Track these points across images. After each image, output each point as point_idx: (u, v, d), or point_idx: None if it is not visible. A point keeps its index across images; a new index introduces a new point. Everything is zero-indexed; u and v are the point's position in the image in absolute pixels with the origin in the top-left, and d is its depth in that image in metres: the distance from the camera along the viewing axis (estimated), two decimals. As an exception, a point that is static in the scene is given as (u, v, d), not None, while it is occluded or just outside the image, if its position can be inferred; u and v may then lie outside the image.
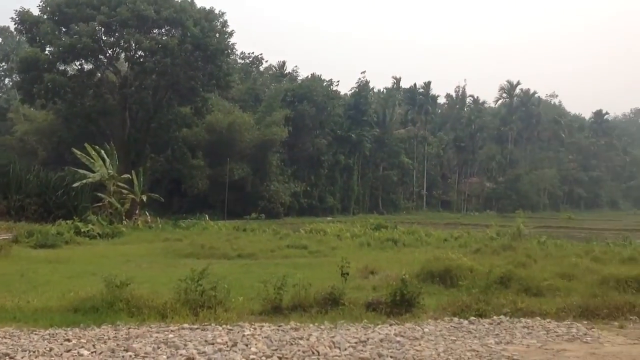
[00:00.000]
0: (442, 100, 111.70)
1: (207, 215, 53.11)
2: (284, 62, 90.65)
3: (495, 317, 11.43)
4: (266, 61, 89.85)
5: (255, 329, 10.14)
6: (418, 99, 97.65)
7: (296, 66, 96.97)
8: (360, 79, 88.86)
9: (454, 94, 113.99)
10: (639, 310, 11.78)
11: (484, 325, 10.78)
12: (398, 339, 9.64)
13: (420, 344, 9.32)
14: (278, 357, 8.44)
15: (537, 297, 13.91)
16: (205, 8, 55.28)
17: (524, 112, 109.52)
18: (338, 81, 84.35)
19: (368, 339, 9.57)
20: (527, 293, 14.35)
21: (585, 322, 11.29)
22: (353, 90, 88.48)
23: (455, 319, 11.26)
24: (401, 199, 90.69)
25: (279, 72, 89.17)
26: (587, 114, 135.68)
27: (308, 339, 9.40)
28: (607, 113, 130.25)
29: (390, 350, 8.89)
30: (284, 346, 8.97)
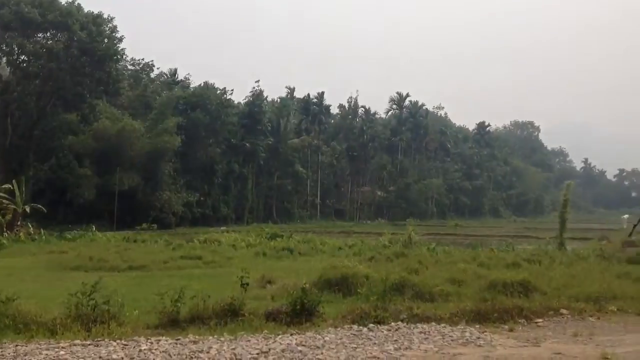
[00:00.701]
0: (335, 110, 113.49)
1: (94, 226, 51.04)
2: (175, 70, 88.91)
3: (393, 323, 11.63)
4: (157, 68, 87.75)
5: (152, 343, 9.78)
6: (312, 109, 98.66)
7: (188, 74, 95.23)
8: (254, 87, 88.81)
9: (346, 105, 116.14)
10: (527, 313, 12.36)
11: (382, 332, 10.94)
12: (300, 348, 9.60)
13: (322, 353, 9.32)
14: (178, 372, 8.18)
15: (430, 303, 14.31)
16: (93, 12, 53.40)
17: (413, 123, 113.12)
18: (232, 90, 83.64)
19: (270, 349, 9.47)
20: (421, 299, 14.72)
21: (478, 325, 11.71)
22: (247, 99, 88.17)
23: (355, 327, 11.36)
24: (295, 207, 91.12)
25: (171, 79, 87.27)
26: (471, 126, 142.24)
27: (208, 352, 9.18)
28: (489, 125, 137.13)
29: (292, 360, 8.84)
30: (183, 360, 8.71)
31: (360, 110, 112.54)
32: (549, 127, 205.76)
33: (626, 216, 69.02)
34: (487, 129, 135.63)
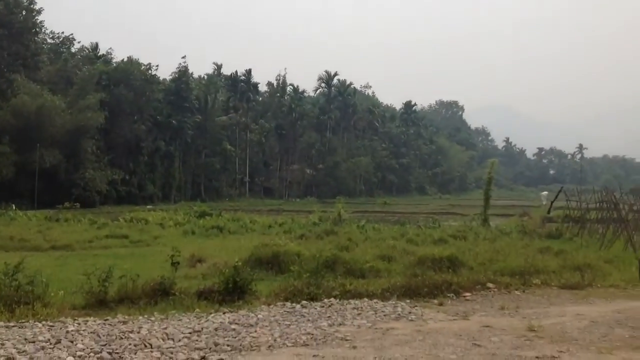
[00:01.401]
0: (263, 88, 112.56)
1: (14, 205, 49.04)
2: (96, 44, 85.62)
3: (326, 300, 11.66)
4: (78, 42, 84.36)
5: (79, 324, 9.46)
6: (240, 86, 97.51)
7: (111, 48, 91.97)
8: (180, 63, 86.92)
9: (275, 83, 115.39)
10: (456, 288, 12.63)
11: (316, 309, 10.96)
12: (233, 326, 9.49)
13: (255, 331, 9.24)
14: (108, 352, 7.92)
15: (361, 279, 14.46)
16: (9, -18, 50.89)
17: (341, 101, 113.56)
18: (157, 65, 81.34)
19: (202, 328, 9.32)
20: (352, 275, 14.87)
21: (408, 300, 11.89)
22: (173, 76, 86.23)
23: (288, 304, 11.34)
24: (224, 186, 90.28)
25: (92, 54, 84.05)
26: (398, 105, 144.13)
27: (139, 332, 8.95)
28: (415, 104, 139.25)
29: (226, 339, 8.72)
30: (113, 341, 8.45)
31: (289, 88, 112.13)
32: (473, 107, 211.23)
33: (545, 193, 71.79)
34: (414, 108, 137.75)
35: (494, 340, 8.62)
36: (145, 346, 8.27)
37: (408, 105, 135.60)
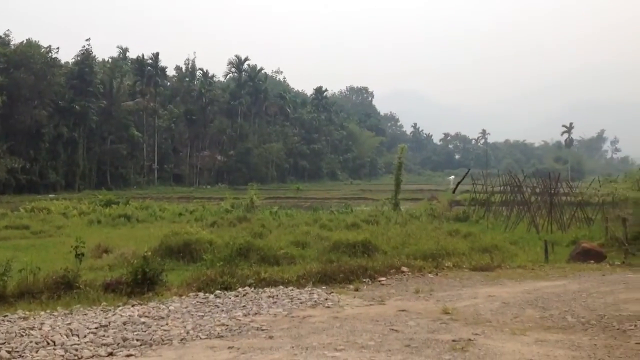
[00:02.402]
0: (171, 72, 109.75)
1: None
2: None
3: (240, 288, 11.37)
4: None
5: (-26, 322, 8.77)
6: (147, 70, 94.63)
7: (8, 29, 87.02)
8: (84, 46, 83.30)
9: (183, 67, 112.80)
10: (371, 272, 12.62)
11: (230, 298, 10.65)
12: (143, 320, 9.05)
13: (167, 323, 8.85)
14: (7, 351, 7.35)
15: (276, 266, 14.26)
16: None
17: (252, 87, 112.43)
18: (57, 48, 77.48)
19: (109, 322, 8.83)
20: (267, 262, 14.67)
21: (324, 287, 11.78)
22: (76, 59, 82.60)
23: (201, 294, 10.97)
24: (131, 173, 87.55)
25: (-12, 36, 79.33)
26: (309, 91, 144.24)
27: (41, 328, 8.37)
28: (326, 90, 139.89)
29: (135, 333, 8.29)
30: (12, 338, 7.86)
31: (199, 73, 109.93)
32: (382, 93, 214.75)
33: (452, 177, 74.04)
34: (325, 94, 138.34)
35: (410, 325, 8.60)
36: (48, 343, 7.75)
37: (319, 91, 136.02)
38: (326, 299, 10.61)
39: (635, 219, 17.37)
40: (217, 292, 11.11)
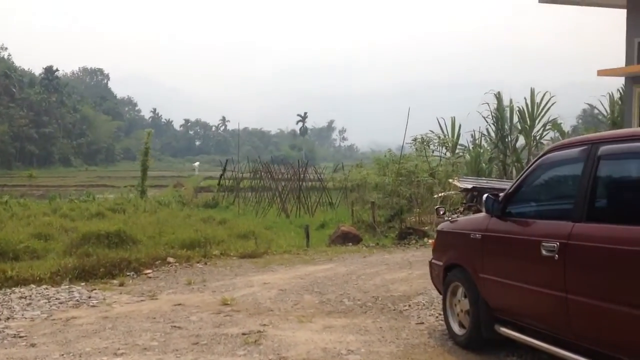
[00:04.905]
0: None
1: None
2: None
3: (-17, 291, 9.77)
4: None
5: None
6: None
7: None
8: None
9: None
10: (135, 265, 11.71)
11: (-30, 304, 9.07)
12: None
13: None
14: None
15: (16, 262, 12.66)
16: None
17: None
18: None
19: None
20: (4, 258, 12.97)
21: (84, 283, 10.65)
22: None
23: None
24: None
25: None
26: (37, 70, 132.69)
27: None
28: (57, 70, 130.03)
29: None
30: None
31: None
32: (118, 75, 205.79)
33: (197, 164, 73.67)
34: (56, 74, 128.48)
35: (193, 320, 8.04)
36: None
37: (49, 70, 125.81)
38: (90, 297, 9.55)
39: (383, 202, 18.60)
40: (-48, 297, 9.42)
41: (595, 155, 5.01)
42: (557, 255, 5.05)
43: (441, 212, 8.36)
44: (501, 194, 6.15)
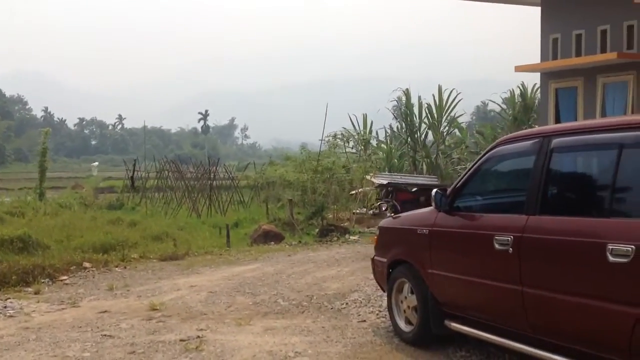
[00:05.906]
0: None
1: None
2: None
3: None
4: None
5: None
6: None
7: None
8: None
9: None
10: (50, 271, 11.01)
11: None
12: None
13: None
14: None
15: None
16: None
17: None
18: None
19: None
20: None
21: (-6, 292, 9.91)
22: None
23: None
24: None
25: None
26: None
27: None
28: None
29: None
30: None
31: None
32: (4, 73, 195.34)
33: (96, 164, 70.92)
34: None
35: (123, 327, 7.62)
36: None
37: None
38: (5, 307, 8.85)
39: (299, 199, 18.51)
40: None
41: (548, 148, 5.09)
42: (511, 249, 5.09)
43: (383, 208, 8.35)
44: (449, 189, 6.17)
